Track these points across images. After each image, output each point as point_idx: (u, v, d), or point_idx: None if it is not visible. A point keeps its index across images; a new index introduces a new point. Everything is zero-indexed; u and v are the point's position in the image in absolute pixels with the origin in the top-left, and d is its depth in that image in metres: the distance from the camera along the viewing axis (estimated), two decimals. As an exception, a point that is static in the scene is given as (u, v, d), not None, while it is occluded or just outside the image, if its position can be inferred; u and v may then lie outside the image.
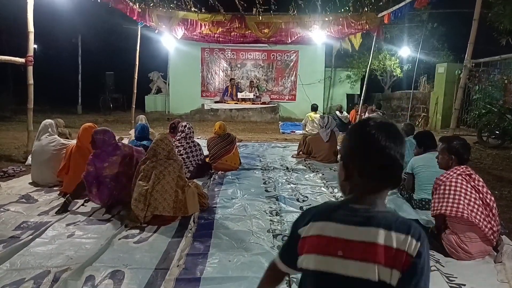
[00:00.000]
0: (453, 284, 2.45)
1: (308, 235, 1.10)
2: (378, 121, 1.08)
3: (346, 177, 1.09)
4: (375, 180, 1.06)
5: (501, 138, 8.40)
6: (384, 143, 1.03)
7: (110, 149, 3.82)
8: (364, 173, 1.05)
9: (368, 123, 1.07)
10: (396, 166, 1.04)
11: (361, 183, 1.07)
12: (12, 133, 8.90)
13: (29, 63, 5.74)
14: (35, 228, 3.28)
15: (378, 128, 1.05)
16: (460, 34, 9.52)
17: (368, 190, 1.07)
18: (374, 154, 1.03)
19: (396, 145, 1.04)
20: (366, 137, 1.05)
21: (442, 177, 2.93)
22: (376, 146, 1.03)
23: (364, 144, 1.06)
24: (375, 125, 1.06)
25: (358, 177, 1.06)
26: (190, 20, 9.27)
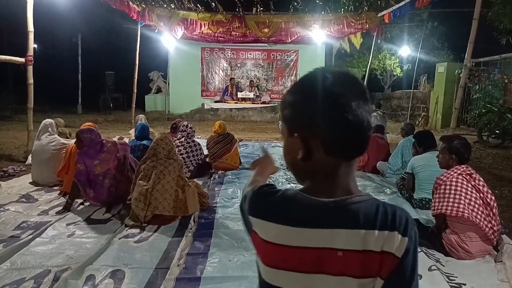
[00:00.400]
0: (453, 283, 2.45)
1: (255, 230, 0.84)
2: (337, 73, 0.79)
3: (305, 156, 0.78)
4: (347, 155, 0.79)
5: (501, 138, 8.40)
6: (355, 100, 0.75)
7: (98, 147, 3.84)
8: (333, 146, 0.76)
9: (326, 76, 0.78)
10: (369, 130, 0.78)
11: (329, 163, 0.78)
12: (12, 133, 8.90)
13: (29, 62, 5.74)
14: (35, 227, 3.28)
15: (341, 83, 0.77)
16: (460, 34, 9.51)
17: (338, 171, 0.79)
18: (345, 116, 0.74)
19: (367, 103, 0.77)
20: (329, 94, 0.76)
21: (442, 177, 2.93)
22: (346, 106, 0.74)
23: (329, 104, 0.75)
24: (336, 78, 0.78)
25: (323, 154, 0.76)
26: (190, 19, 9.27)
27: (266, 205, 0.83)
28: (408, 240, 0.74)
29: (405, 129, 5.46)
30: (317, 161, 0.78)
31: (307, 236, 0.76)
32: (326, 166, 0.78)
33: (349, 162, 0.80)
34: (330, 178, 0.79)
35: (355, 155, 0.80)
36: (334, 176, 0.79)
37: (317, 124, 0.76)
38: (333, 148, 0.76)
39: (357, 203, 0.77)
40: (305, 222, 0.77)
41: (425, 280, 2.47)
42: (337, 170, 0.79)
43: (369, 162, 5.60)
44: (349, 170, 0.80)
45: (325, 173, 0.79)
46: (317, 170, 0.80)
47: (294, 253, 0.77)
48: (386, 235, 0.73)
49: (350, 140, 0.76)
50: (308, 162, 0.79)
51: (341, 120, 0.74)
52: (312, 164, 0.79)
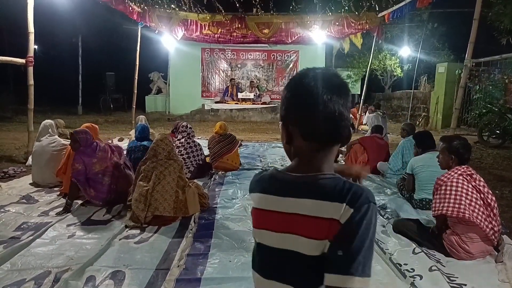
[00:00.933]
0: (454, 284, 2.45)
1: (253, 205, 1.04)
2: (319, 71, 0.95)
3: (288, 140, 0.98)
4: (319, 140, 0.94)
5: (501, 138, 8.40)
6: (327, 94, 0.90)
7: (94, 146, 3.92)
8: (307, 133, 0.93)
9: (307, 74, 0.95)
10: (342, 120, 0.92)
11: (305, 146, 0.95)
12: (13, 134, 8.91)
13: (30, 63, 5.74)
14: (35, 228, 3.28)
15: (318, 79, 0.93)
16: (461, 34, 9.51)
17: (313, 154, 0.95)
18: (316, 108, 0.90)
19: (341, 97, 0.92)
20: (306, 89, 0.92)
21: (443, 177, 2.92)
22: (318, 98, 0.90)
23: (304, 97, 0.92)
24: (315, 76, 0.94)
25: (301, 139, 0.94)
26: (190, 20, 9.29)
27: (256, 182, 1.05)
28: (353, 211, 0.87)
29: (405, 130, 5.45)
30: (297, 145, 0.97)
31: (280, 202, 0.96)
32: (303, 149, 0.96)
33: (324, 147, 0.96)
34: (307, 159, 0.97)
35: (328, 142, 0.95)
36: (310, 157, 0.96)
37: (294, 115, 0.95)
38: (307, 135, 0.94)
39: (323, 179, 0.93)
40: (280, 192, 0.96)
41: (425, 280, 2.47)
42: (312, 153, 0.96)
43: (369, 163, 5.59)
44: (324, 154, 0.96)
45: (303, 155, 0.97)
46: (298, 152, 0.98)
47: (271, 215, 0.97)
48: (337, 205, 0.88)
49: (321, 129, 0.92)
50: (291, 145, 0.98)
51: (312, 111, 0.91)
52: (294, 147, 0.98)
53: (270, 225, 0.97)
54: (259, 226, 1.00)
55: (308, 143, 0.94)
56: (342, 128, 0.93)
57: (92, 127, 4.52)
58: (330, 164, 0.98)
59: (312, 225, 0.90)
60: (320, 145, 0.95)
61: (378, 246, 2.98)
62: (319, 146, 0.95)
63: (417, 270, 2.59)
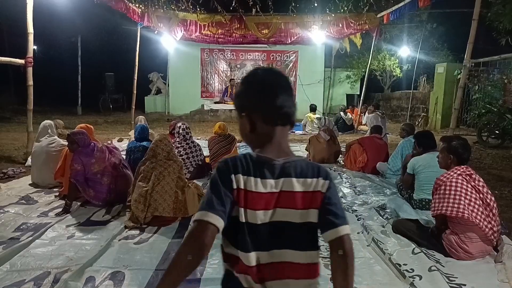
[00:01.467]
0: (453, 284, 2.45)
1: (237, 187, 1.09)
2: (266, 68, 1.22)
3: (252, 128, 1.14)
4: (279, 123, 1.14)
5: (501, 138, 8.40)
6: (285, 82, 1.17)
7: (92, 146, 3.94)
8: (269, 118, 1.13)
9: (257, 72, 1.19)
10: (293, 104, 1.16)
11: (268, 131, 1.14)
12: (12, 134, 8.90)
13: (29, 64, 5.74)
14: (35, 229, 3.27)
15: (273, 72, 1.19)
16: (460, 34, 9.52)
17: (281, 137, 1.15)
18: (275, 95, 1.12)
19: (289, 86, 1.18)
20: (264, 82, 1.15)
21: (442, 177, 2.93)
22: (275, 88, 1.13)
23: (264, 88, 1.14)
24: (269, 70, 1.23)
25: (264, 124, 1.13)
26: (190, 21, 9.29)
27: (244, 164, 1.12)
28: (328, 181, 1.15)
29: (405, 130, 5.46)
30: (260, 130, 1.14)
31: (271, 184, 1.11)
32: (266, 132, 1.14)
33: (285, 130, 1.17)
34: (277, 143, 1.15)
35: (285, 123, 1.16)
36: (279, 141, 1.16)
37: (255, 103, 1.14)
38: (268, 119, 1.13)
39: (295, 161, 1.15)
40: (268, 175, 1.11)
41: (425, 280, 2.47)
42: (274, 134, 1.15)
43: (368, 163, 5.60)
44: (283, 133, 1.17)
45: (267, 138, 1.15)
46: (265, 138, 1.15)
47: (265, 196, 1.10)
48: (315, 180, 1.14)
49: (278, 113, 1.13)
50: (255, 132, 1.15)
51: (270, 99, 1.12)
52: (257, 134, 1.15)
53: (264, 205, 1.10)
54: (252, 207, 1.09)
55: (269, 126, 1.14)
56: (295, 111, 1.18)
57: (87, 128, 4.52)
58: (288, 143, 1.20)
59: (300, 198, 1.12)
60: (284, 128, 1.16)
61: (377, 246, 2.98)
62: (283, 129, 1.16)
63: (416, 270, 2.60)
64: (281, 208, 1.11)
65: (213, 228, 1.04)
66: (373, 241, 3.07)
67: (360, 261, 2.80)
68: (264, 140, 1.15)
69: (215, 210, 1.05)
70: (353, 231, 3.38)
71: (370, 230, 3.28)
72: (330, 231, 1.12)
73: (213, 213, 1.05)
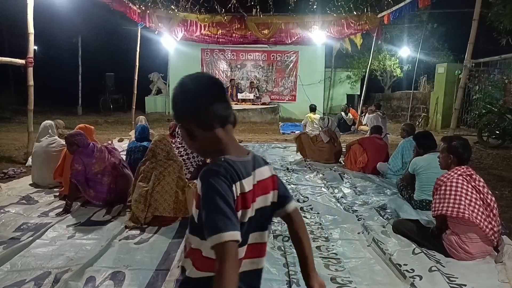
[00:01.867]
0: (453, 284, 2.45)
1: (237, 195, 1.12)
2: (192, 76, 1.20)
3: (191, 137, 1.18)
4: (218, 126, 1.16)
5: (501, 138, 8.40)
6: (210, 88, 1.18)
7: (91, 147, 3.95)
8: (206, 125, 1.15)
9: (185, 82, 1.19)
10: (227, 105, 1.19)
11: (211, 136, 1.16)
12: (13, 134, 8.91)
13: (29, 64, 5.74)
14: (35, 229, 3.28)
15: (197, 81, 1.19)
16: (460, 34, 9.52)
17: (224, 138, 1.17)
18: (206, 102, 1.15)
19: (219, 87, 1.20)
20: (193, 90, 1.16)
21: (443, 178, 2.93)
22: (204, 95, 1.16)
23: (194, 97, 1.16)
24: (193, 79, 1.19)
25: (203, 131, 1.16)
26: (190, 21, 9.29)
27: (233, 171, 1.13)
28: (272, 166, 1.31)
29: (405, 130, 5.46)
30: (201, 138, 1.17)
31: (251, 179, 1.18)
32: (228, 136, 1.19)
33: (222, 130, 1.17)
34: (235, 142, 1.21)
35: (223, 125, 1.17)
36: (234, 140, 1.21)
37: (189, 113, 1.16)
38: (204, 125, 1.15)
39: (254, 154, 1.26)
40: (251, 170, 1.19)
41: (425, 281, 2.47)
42: (219, 137, 1.16)
43: (369, 163, 5.60)
44: (228, 133, 1.19)
45: (231, 141, 1.19)
46: (223, 142, 1.17)
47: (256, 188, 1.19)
48: (268, 166, 1.28)
49: (213, 118, 1.15)
50: (196, 140, 1.18)
51: (202, 108, 1.15)
52: (201, 141, 1.18)
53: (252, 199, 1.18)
54: (245, 206, 1.15)
55: (214, 132, 1.15)
56: (231, 111, 1.20)
57: (86, 128, 4.53)
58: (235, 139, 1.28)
59: (269, 183, 1.26)
60: (225, 128, 1.18)
61: (378, 246, 2.98)
62: (224, 130, 1.18)
63: (417, 271, 2.59)
64: (259, 196, 1.21)
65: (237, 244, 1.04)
66: (374, 241, 3.07)
67: (360, 261, 2.80)
68: (215, 145, 1.17)
69: (236, 226, 1.03)
70: (353, 231, 3.38)
71: (371, 230, 3.28)
72: (288, 205, 1.32)
73: (237, 230, 1.03)
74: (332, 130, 6.52)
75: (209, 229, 1.02)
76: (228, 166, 1.12)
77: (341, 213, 3.83)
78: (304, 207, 4.02)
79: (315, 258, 2.78)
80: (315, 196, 4.44)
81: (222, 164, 1.12)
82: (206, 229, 1.03)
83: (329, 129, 6.51)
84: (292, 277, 2.51)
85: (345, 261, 2.78)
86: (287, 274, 2.57)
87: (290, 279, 2.49)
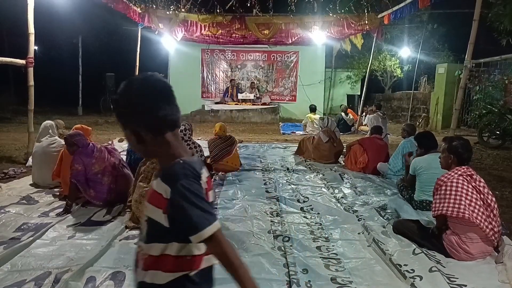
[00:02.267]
0: (454, 284, 2.45)
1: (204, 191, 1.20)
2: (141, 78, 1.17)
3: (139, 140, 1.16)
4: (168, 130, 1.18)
5: (501, 139, 8.39)
6: (161, 92, 1.17)
7: (91, 147, 3.96)
8: (156, 129, 1.15)
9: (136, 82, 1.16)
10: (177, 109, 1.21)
11: (161, 140, 1.16)
12: (13, 135, 8.91)
13: (30, 64, 5.74)
14: (35, 229, 3.28)
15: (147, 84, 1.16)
16: (460, 35, 9.52)
17: (174, 141, 1.19)
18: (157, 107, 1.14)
19: (169, 91, 1.20)
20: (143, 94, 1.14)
21: (443, 178, 2.93)
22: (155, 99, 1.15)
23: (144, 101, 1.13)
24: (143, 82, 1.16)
25: (152, 135, 1.15)
26: (190, 21, 9.29)
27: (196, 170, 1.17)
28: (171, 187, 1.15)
29: (406, 130, 5.45)
30: (150, 141, 1.16)
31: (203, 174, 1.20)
32: (175, 138, 1.19)
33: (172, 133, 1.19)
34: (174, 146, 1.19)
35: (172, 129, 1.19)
36: (172, 143, 1.19)
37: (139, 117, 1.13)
38: (154, 130, 1.15)
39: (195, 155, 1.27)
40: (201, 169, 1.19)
41: (425, 281, 2.47)
42: (169, 140, 1.17)
43: (369, 163, 5.60)
44: (176, 136, 1.21)
45: (165, 146, 1.18)
46: (170, 145, 1.18)
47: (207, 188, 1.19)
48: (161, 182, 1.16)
49: (164, 122, 1.16)
50: (144, 143, 1.16)
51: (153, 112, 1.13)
52: (165, 144, 1.17)
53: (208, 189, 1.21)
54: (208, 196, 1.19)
55: (163, 136, 1.16)
56: (179, 115, 1.23)
57: (82, 129, 4.53)
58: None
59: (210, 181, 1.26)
60: (174, 132, 1.20)
61: (378, 246, 2.98)
62: (173, 133, 1.20)
63: (417, 271, 2.59)
64: (209, 191, 1.23)
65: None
66: (374, 242, 3.07)
67: (360, 262, 2.80)
68: (165, 149, 1.18)
69: (216, 217, 1.15)
70: (353, 232, 3.38)
71: (371, 230, 3.28)
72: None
73: (217, 219, 1.14)
74: (332, 130, 6.52)
75: (196, 227, 1.09)
76: (189, 167, 1.15)
77: (341, 213, 3.83)
78: (305, 207, 4.02)
79: (316, 258, 2.80)
80: (315, 196, 4.44)
81: (185, 166, 1.15)
82: (190, 228, 1.10)
83: (328, 129, 6.51)
84: (292, 277, 2.52)
85: (346, 262, 2.79)
86: (287, 274, 2.57)
87: (290, 279, 2.50)
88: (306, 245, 3.05)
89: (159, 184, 1.14)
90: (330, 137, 6.45)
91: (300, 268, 2.64)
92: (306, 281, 2.48)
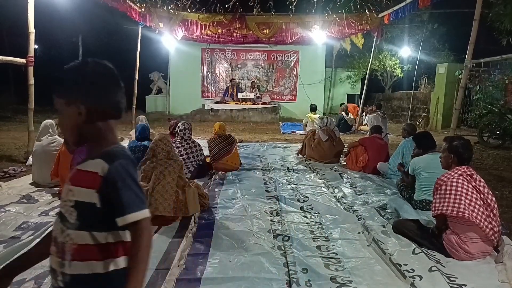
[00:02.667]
0: (454, 284, 2.45)
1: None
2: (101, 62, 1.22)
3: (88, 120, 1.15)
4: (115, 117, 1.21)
5: (501, 138, 8.40)
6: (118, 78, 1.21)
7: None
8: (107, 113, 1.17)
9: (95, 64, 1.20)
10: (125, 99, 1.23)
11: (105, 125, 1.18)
12: (13, 133, 8.91)
13: (30, 63, 5.74)
14: (35, 228, 3.28)
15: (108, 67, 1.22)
16: (461, 34, 9.51)
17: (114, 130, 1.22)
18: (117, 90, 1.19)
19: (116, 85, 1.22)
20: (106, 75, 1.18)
21: (443, 177, 2.93)
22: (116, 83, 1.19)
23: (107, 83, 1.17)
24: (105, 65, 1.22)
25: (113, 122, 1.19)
26: (191, 20, 9.28)
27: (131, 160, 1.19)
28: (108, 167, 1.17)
29: (406, 130, 5.46)
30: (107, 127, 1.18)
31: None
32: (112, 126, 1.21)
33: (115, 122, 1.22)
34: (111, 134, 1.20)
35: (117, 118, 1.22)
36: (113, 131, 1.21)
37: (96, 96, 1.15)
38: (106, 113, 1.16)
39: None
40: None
41: (425, 280, 2.47)
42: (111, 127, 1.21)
43: (369, 163, 5.60)
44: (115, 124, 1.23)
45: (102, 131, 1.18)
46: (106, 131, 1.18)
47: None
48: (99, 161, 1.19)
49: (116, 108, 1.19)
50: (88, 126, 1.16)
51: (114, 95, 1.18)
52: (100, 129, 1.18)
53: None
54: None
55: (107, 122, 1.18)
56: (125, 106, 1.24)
57: None
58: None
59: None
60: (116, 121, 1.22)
61: (378, 246, 2.98)
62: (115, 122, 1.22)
63: (417, 271, 2.59)
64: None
65: None
66: (374, 241, 3.07)
67: (360, 261, 2.80)
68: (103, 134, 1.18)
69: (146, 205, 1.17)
70: (353, 231, 3.38)
71: (371, 230, 3.28)
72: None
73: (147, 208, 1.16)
74: (331, 129, 6.52)
75: (125, 208, 1.08)
76: (126, 153, 1.18)
77: (341, 213, 3.83)
78: (304, 207, 4.02)
79: (315, 258, 2.80)
80: (315, 196, 4.44)
81: (125, 151, 1.19)
82: (118, 208, 1.08)
83: (327, 128, 6.50)
84: (292, 276, 2.52)
85: (345, 261, 2.79)
86: (287, 274, 2.57)
87: (290, 278, 2.50)
88: (306, 244, 3.05)
89: (95, 163, 1.13)
90: (330, 136, 6.45)
91: (300, 268, 2.64)
92: (306, 281, 2.48)
